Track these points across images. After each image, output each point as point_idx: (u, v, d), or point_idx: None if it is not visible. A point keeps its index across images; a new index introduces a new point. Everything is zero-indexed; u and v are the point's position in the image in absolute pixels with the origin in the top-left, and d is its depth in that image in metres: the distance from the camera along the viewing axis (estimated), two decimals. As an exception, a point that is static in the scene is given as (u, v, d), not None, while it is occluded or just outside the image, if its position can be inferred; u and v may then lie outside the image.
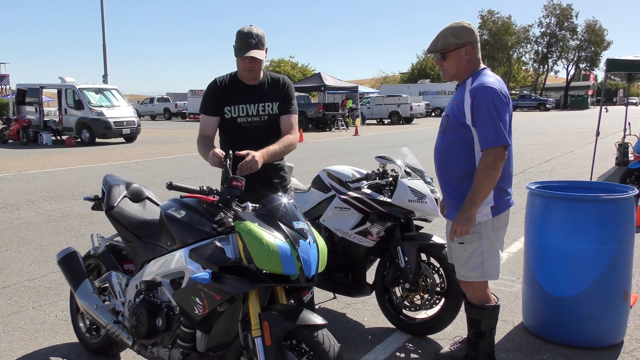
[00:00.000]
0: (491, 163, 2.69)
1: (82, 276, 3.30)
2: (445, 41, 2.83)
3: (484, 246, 2.87)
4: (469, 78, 2.85)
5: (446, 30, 2.85)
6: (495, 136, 2.68)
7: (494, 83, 2.77)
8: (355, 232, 3.62)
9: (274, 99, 3.13)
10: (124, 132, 20.12)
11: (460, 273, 2.98)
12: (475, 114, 2.73)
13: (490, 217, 2.85)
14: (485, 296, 3.01)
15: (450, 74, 2.92)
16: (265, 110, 3.11)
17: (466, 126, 2.78)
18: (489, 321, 3.01)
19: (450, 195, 2.94)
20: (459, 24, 2.84)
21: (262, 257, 2.23)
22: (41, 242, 6.29)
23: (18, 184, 10.50)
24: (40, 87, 21.51)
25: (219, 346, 2.60)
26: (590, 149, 13.11)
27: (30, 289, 4.73)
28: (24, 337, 3.79)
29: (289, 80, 3.24)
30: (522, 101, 56.27)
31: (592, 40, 65.41)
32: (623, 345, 3.54)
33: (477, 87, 2.75)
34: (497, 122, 2.69)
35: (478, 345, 3.03)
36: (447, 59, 2.86)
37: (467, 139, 2.80)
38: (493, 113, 2.69)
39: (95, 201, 3.45)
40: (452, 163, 2.88)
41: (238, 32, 3.00)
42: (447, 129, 2.89)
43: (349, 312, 4.15)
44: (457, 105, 2.83)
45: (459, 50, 2.83)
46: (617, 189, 3.68)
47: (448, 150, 2.89)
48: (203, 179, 10.28)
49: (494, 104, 2.70)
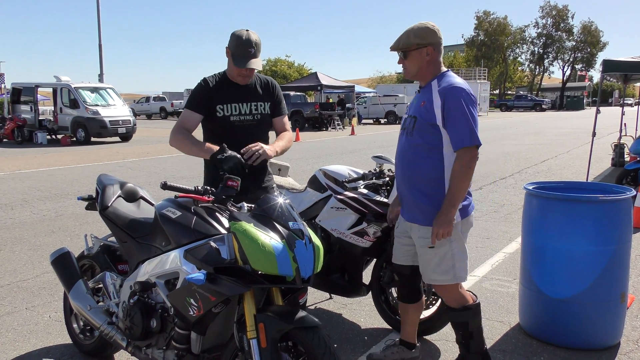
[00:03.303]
0: (467, 163, 2.71)
1: (75, 277, 3.27)
2: (407, 40, 2.85)
3: (454, 249, 2.86)
4: (434, 80, 2.86)
5: (410, 30, 2.87)
6: (469, 136, 2.70)
7: (462, 84, 2.80)
8: (351, 233, 3.60)
9: (265, 99, 3.18)
10: (120, 132, 20.08)
11: (431, 277, 2.93)
12: (446, 115, 2.73)
13: (459, 219, 2.84)
14: (462, 297, 2.99)
15: (412, 73, 2.94)
16: (258, 110, 3.14)
17: (436, 127, 2.78)
18: (474, 320, 2.99)
19: (419, 199, 2.89)
20: (423, 25, 2.86)
21: (258, 258, 2.20)
22: (35, 242, 6.25)
23: (12, 183, 10.44)
24: (36, 85, 21.43)
25: (214, 348, 2.57)
26: (586, 150, 13.14)
27: (23, 290, 4.69)
28: (17, 338, 3.76)
29: (277, 83, 3.33)
30: (518, 101, 56.47)
31: (588, 42, 65.70)
32: (620, 346, 3.53)
33: (446, 87, 2.77)
34: (469, 122, 2.70)
35: (469, 345, 3.02)
36: (408, 58, 2.89)
37: (436, 141, 2.80)
38: (465, 113, 2.70)
39: (90, 201, 3.41)
40: (420, 166, 2.85)
41: (236, 37, 2.98)
42: (413, 131, 2.87)
43: (345, 313, 4.13)
44: (424, 106, 2.82)
45: (420, 50, 2.84)
46: (615, 190, 3.68)
47: (415, 152, 2.86)
48: (198, 178, 10.21)
49: (465, 104, 2.71)
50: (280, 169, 4.36)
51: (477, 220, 7.07)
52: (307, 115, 27.87)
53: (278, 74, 56.64)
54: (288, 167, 4.45)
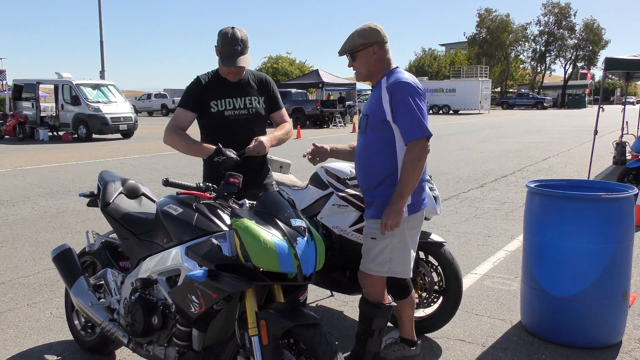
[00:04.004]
0: (417, 155, 2.74)
1: (77, 273, 3.27)
2: (352, 42, 2.89)
3: (395, 244, 2.87)
4: (383, 77, 2.89)
5: (354, 32, 2.92)
6: (418, 128, 2.73)
7: (408, 78, 2.84)
8: (353, 230, 3.59)
9: (260, 94, 3.22)
10: (121, 128, 20.08)
11: (367, 267, 2.96)
12: (394, 109, 2.77)
13: (406, 215, 2.84)
14: (382, 294, 3.00)
15: (362, 74, 2.97)
16: (252, 104, 3.17)
17: (386, 123, 2.81)
18: (381, 320, 3.00)
19: (371, 195, 2.93)
20: (366, 26, 2.90)
21: (260, 255, 2.20)
22: (36, 238, 6.25)
23: (14, 180, 10.45)
24: (37, 82, 21.43)
25: (216, 345, 2.57)
26: (587, 148, 13.13)
27: (25, 286, 4.69)
28: (18, 334, 3.76)
29: (271, 79, 3.37)
30: (519, 100, 56.33)
31: (590, 39, 65.49)
32: (622, 345, 3.53)
33: (393, 83, 2.81)
34: (417, 114, 2.74)
35: (366, 342, 3.04)
36: (356, 60, 2.92)
37: (388, 137, 2.83)
38: (412, 106, 2.74)
39: (91, 197, 3.41)
40: (374, 162, 2.88)
41: (222, 35, 3.01)
42: (367, 129, 2.91)
43: (346, 310, 4.13)
44: (375, 103, 2.86)
45: (366, 50, 2.88)
46: (617, 188, 3.67)
47: (370, 150, 2.90)
48: (200, 175, 10.21)
49: (412, 97, 2.75)
50: (282, 166, 4.35)
51: (479, 218, 7.07)
52: (308, 112, 27.84)
53: (279, 71, 56.63)
54: (289, 164, 4.44)
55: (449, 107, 45.58)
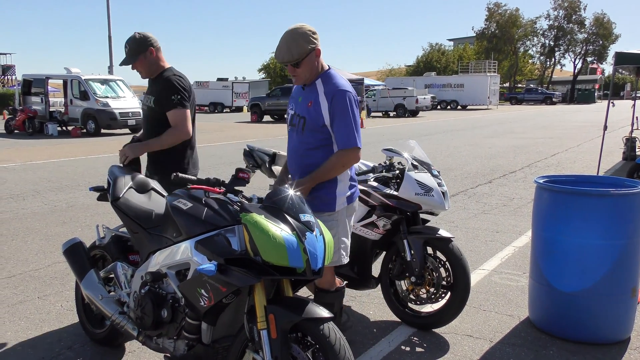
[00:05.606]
0: (345, 162, 2.87)
1: (87, 267, 3.31)
2: (300, 49, 2.78)
3: (340, 232, 2.97)
4: (318, 79, 2.89)
5: (295, 37, 2.79)
6: (354, 139, 2.83)
7: (347, 85, 2.88)
8: (361, 225, 3.60)
9: (152, 94, 3.58)
10: (130, 123, 20.14)
11: None
12: (332, 116, 2.83)
13: (345, 205, 2.96)
14: (334, 279, 3.12)
15: (304, 78, 2.90)
16: (148, 102, 3.59)
17: (325, 127, 2.87)
18: (339, 302, 3.15)
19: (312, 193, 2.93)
20: (306, 28, 2.81)
21: (269, 250, 2.21)
22: (47, 232, 6.31)
23: (24, 174, 10.53)
24: (46, 77, 21.55)
25: (224, 338, 2.59)
26: (596, 143, 13.03)
27: (35, 279, 4.74)
28: (29, 326, 3.81)
29: (168, 79, 3.52)
30: (528, 95, 55.96)
31: (600, 34, 64.93)
32: (630, 341, 3.52)
33: (333, 90, 2.83)
34: (352, 125, 2.82)
35: None
36: (301, 66, 2.84)
37: (325, 139, 2.90)
38: (350, 117, 2.82)
39: (101, 192, 3.44)
40: (310, 162, 2.92)
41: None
42: (304, 131, 2.92)
43: (354, 305, 4.14)
44: (312, 108, 2.86)
45: (310, 54, 2.83)
46: (626, 183, 3.65)
47: (307, 149, 2.94)
48: (209, 170, 10.27)
49: (350, 107, 2.82)
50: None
51: (487, 214, 7.05)
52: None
53: (287, 66, 56.39)
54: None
55: (457, 103, 45.42)
